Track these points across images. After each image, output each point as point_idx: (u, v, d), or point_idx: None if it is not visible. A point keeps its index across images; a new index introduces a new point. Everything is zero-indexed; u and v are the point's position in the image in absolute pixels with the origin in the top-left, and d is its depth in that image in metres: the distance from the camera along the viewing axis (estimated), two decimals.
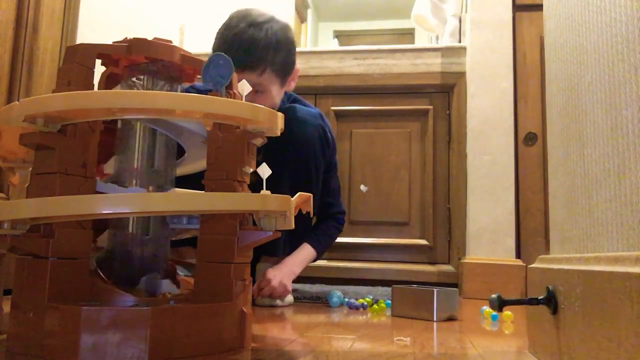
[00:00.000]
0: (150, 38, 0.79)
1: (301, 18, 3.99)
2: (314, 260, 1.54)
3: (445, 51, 2.06)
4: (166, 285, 0.80)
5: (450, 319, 1.16)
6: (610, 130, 0.51)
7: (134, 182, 0.81)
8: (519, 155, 1.92)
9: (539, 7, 1.94)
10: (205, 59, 0.79)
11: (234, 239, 0.73)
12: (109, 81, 0.81)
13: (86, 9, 1.54)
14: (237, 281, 0.73)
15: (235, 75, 0.79)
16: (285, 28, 1.35)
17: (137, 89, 0.81)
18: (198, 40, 2.51)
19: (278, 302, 1.33)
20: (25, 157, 0.83)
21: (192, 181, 0.90)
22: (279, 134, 0.78)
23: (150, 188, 0.81)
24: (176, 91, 0.84)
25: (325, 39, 4.62)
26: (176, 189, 0.87)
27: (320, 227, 1.57)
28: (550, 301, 0.64)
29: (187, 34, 2.65)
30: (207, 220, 0.75)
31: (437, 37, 2.52)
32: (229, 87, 0.78)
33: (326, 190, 1.55)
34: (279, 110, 1.31)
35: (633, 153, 0.46)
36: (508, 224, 1.86)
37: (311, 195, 0.82)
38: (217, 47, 1.31)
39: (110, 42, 0.78)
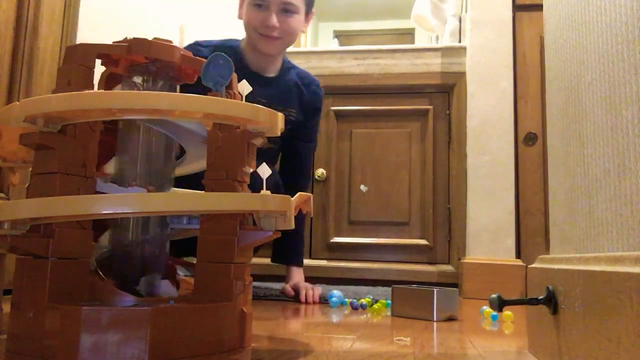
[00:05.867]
0: (150, 38, 0.79)
1: None
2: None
3: (445, 51, 2.06)
4: (165, 287, 0.80)
5: (450, 319, 1.16)
6: (610, 130, 0.51)
7: (134, 182, 0.81)
8: (519, 155, 1.92)
9: (539, 7, 1.93)
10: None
11: (234, 239, 0.73)
12: (109, 81, 0.81)
13: (86, 9, 1.54)
14: (237, 281, 0.73)
15: (235, 75, 0.80)
16: None
17: (138, 89, 0.81)
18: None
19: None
20: (25, 157, 0.83)
21: (192, 181, 0.90)
22: (279, 134, 0.78)
23: (150, 188, 0.81)
24: (175, 91, 0.84)
25: (325, 39, 4.62)
26: (176, 189, 0.87)
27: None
28: (550, 301, 0.64)
29: (187, 34, 2.65)
30: (207, 220, 0.75)
31: (437, 37, 2.52)
32: (229, 87, 0.78)
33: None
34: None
35: (633, 153, 0.46)
36: (508, 224, 1.86)
37: (311, 195, 0.82)
38: None
39: (110, 42, 0.78)
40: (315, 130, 1.67)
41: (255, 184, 0.77)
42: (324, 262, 2.03)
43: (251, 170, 0.79)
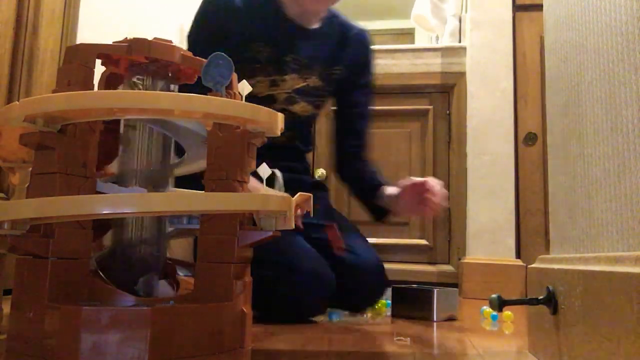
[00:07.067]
0: (150, 38, 0.79)
1: None
2: None
3: (445, 51, 2.06)
4: (163, 288, 0.80)
5: (450, 319, 1.16)
6: (610, 130, 0.51)
7: (134, 182, 0.81)
8: (519, 155, 1.92)
9: (539, 7, 1.93)
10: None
11: (234, 239, 0.73)
12: (109, 81, 0.81)
13: (86, 9, 1.54)
14: (237, 281, 0.73)
15: (235, 75, 0.79)
16: None
17: (138, 89, 0.81)
18: None
19: None
20: (25, 157, 0.83)
21: (192, 181, 0.90)
22: (279, 134, 0.78)
23: (150, 187, 0.81)
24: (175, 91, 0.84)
25: None
26: (176, 189, 0.87)
27: None
28: (550, 301, 0.64)
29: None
30: (207, 220, 0.75)
31: (437, 37, 2.52)
32: (229, 87, 0.78)
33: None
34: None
35: (633, 153, 0.46)
36: (508, 224, 1.86)
37: (311, 195, 0.82)
38: None
39: (110, 42, 0.78)
40: (368, 101, 1.43)
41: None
42: None
43: (251, 170, 0.79)
